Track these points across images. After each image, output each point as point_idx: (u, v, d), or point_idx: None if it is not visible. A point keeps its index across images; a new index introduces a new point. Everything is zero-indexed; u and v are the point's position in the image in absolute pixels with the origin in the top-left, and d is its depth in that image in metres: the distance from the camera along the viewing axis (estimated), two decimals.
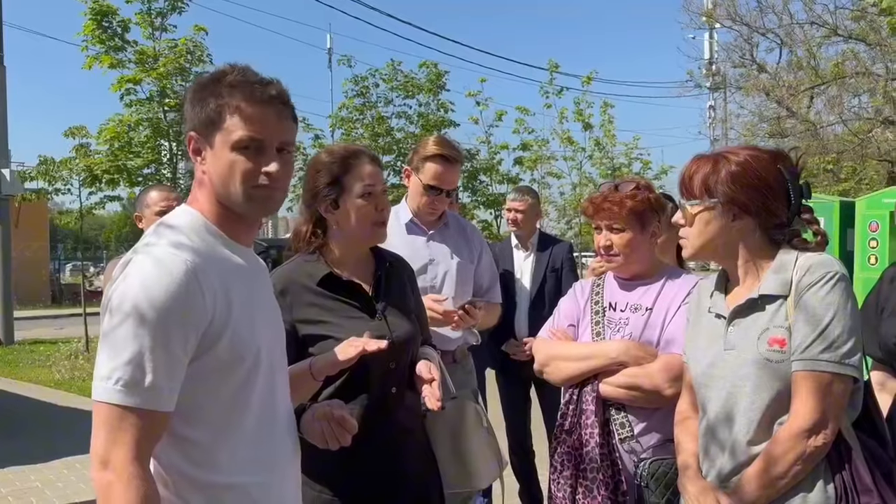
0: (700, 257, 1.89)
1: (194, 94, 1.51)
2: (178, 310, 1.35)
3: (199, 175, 1.53)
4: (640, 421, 2.19)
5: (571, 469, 2.21)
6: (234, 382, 1.46)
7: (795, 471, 1.65)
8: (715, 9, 18.99)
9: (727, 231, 1.78)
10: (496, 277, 3.30)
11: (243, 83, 1.48)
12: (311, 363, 1.92)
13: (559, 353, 2.34)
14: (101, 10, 10.70)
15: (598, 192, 2.39)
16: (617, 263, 2.34)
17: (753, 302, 1.76)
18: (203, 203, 1.53)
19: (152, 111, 11.06)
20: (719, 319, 1.84)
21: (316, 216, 2.19)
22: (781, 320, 1.71)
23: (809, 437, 1.63)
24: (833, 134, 16.61)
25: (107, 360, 1.34)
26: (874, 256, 6.39)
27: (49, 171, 11.58)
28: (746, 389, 1.73)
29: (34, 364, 10.85)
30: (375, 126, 15.30)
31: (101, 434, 1.33)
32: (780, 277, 1.73)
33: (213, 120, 1.47)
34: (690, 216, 1.81)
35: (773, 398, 1.70)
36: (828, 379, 1.63)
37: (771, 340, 1.70)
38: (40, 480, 5.42)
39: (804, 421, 1.64)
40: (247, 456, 1.49)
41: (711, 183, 1.77)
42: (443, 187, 2.94)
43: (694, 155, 1.87)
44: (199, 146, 1.51)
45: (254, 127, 1.46)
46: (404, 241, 3.04)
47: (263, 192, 1.49)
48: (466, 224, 3.29)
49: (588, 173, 16.55)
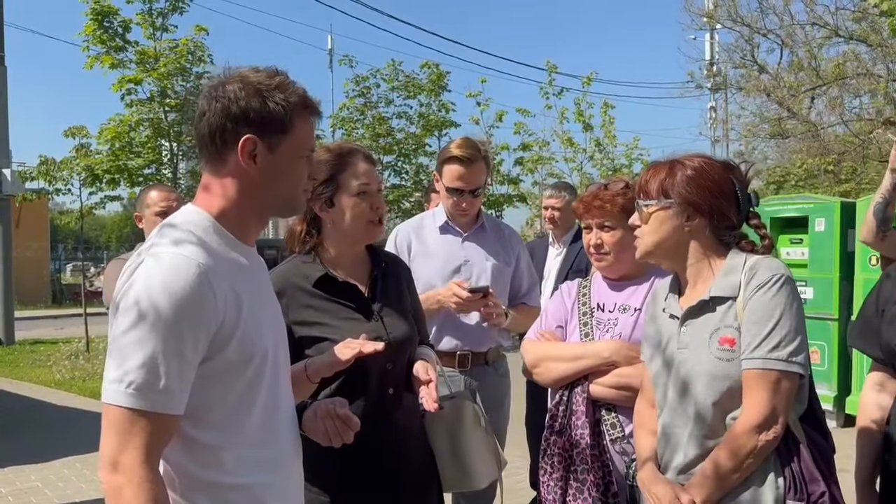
0: (652, 257, 1.97)
1: (253, 93, 1.46)
2: (190, 312, 1.34)
3: (239, 174, 1.48)
4: (631, 421, 2.17)
5: (562, 471, 2.20)
6: (242, 383, 1.46)
7: (748, 464, 1.74)
8: (716, 10, 18.99)
9: (679, 231, 1.88)
10: (535, 280, 3.28)
11: (306, 95, 1.54)
12: (307, 365, 1.92)
13: (549, 354, 2.32)
14: (102, 11, 10.74)
15: (587, 191, 2.41)
16: (608, 262, 2.34)
17: (704, 303, 1.85)
18: (217, 202, 1.50)
19: (153, 111, 11.08)
20: (673, 320, 1.93)
21: (310, 215, 2.19)
22: (731, 320, 1.80)
23: (761, 432, 1.72)
24: (834, 135, 16.60)
25: (118, 363, 1.33)
26: (875, 257, 6.38)
27: (49, 172, 11.59)
28: (699, 387, 1.81)
29: (34, 364, 10.86)
30: (376, 126, 15.31)
31: (112, 437, 1.33)
32: (729, 280, 1.83)
33: (282, 127, 1.48)
34: (647, 215, 1.92)
35: (725, 394, 1.78)
36: (776, 377, 1.73)
37: (721, 340, 1.80)
38: (40, 480, 5.42)
39: (755, 417, 1.72)
40: (252, 456, 1.49)
41: (668, 185, 1.88)
42: (464, 188, 2.94)
43: (651, 161, 2.03)
44: (255, 149, 1.47)
45: (313, 137, 1.57)
46: (439, 241, 3.05)
47: (306, 196, 1.72)
48: (504, 226, 3.26)
49: (589, 174, 16.56)
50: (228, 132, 1.46)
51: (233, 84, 1.48)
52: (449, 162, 2.93)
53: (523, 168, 15.72)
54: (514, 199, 15.64)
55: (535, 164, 15.93)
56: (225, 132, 1.46)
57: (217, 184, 1.51)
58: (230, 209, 1.50)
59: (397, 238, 3.09)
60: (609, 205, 2.29)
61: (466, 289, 2.79)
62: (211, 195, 1.51)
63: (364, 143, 14.45)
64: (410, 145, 15.60)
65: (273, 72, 1.52)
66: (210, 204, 1.51)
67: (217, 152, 1.49)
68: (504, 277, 3.08)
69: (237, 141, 1.46)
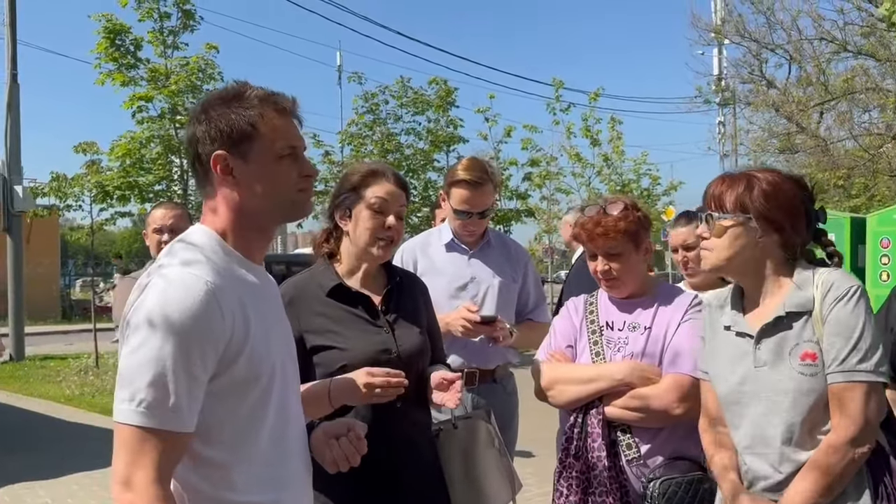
0: (721, 272, 1.96)
1: (214, 112, 1.51)
2: (198, 331, 1.35)
3: (225, 192, 1.51)
4: (646, 441, 2.17)
5: (580, 494, 2.17)
6: (251, 401, 1.46)
7: (843, 480, 1.74)
8: (723, 25, 19.02)
9: (753, 246, 1.86)
10: (542, 296, 3.26)
11: (268, 96, 1.53)
12: (330, 390, 1.92)
13: (562, 377, 2.30)
14: (114, 29, 10.85)
15: (587, 217, 2.34)
16: (618, 287, 2.32)
17: (780, 319, 1.83)
18: (222, 221, 1.53)
19: (163, 128, 11.16)
20: (742, 338, 1.90)
21: (332, 222, 2.23)
22: (809, 335, 1.79)
23: (856, 446, 1.72)
24: (843, 150, 16.55)
25: (128, 383, 1.34)
26: (886, 273, 6.34)
27: (61, 188, 11.67)
28: (785, 404, 1.80)
29: (44, 379, 10.88)
30: (385, 142, 15.37)
31: (123, 455, 1.33)
32: (802, 294, 1.82)
33: (246, 134, 1.49)
34: (721, 229, 1.88)
35: (811, 410, 1.78)
36: (866, 388, 1.73)
37: (803, 355, 1.79)
38: (50, 496, 5.42)
39: (850, 430, 1.72)
40: (261, 474, 1.49)
41: (745, 200, 1.86)
42: (471, 210, 2.94)
43: (723, 173, 1.98)
44: (228, 163, 1.49)
45: (291, 135, 1.54)
46: (445, 259, 3.05)
47: (305, 196, 1.57)
48: (511, 242, 3.26)
49: (597, 189, 16.56)
50: (203, 155, 1.51)
51: (197, 109, 1.55)
52: (457, 185, 2.93)
53: (531, 183, 15.74)
54: (523, 215, 15.64)
55: (543, 179, 15.95)
56: (200, 157, 1.51)
57: (212, 206, 1.54)
58: (229, 228, 1.53)
59: (403, 255, 3.09)
60: (613, 232, 2.26)
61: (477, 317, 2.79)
62: (212, 217, 1.55)
63: (372, 160, 14.51)
64: (419, 161, 15.63)
65: (232, 85, 1.56)
66: (214, 224, 1.54)
67: (201, 177, 1.54)
68: (510, 294, 3.07)
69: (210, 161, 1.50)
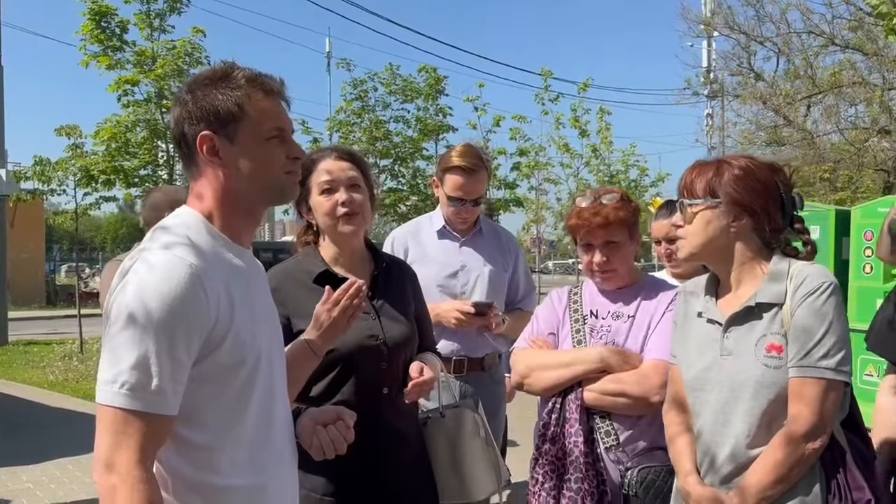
0: (697, 258, 1.93)
1: (201, 92, 1.49)
2: (182, 314, 1.34)
3: (211, 174, 1.50)
4: (626, 429, 2.14)
5: (554, 480, 2.14)
6: (236, 385, 1.45)
7: (795, 473, 1.72)
8: (713, 17, 19.06)
9: (726, 231, 1.84)
10: (532, 286, 3.27)
11: (256, 77, 1.51)
12: (308, 341, 1.89)
13: (539, 363, 2.27)
14: (99, 11, 10.71)
15: (581, 207, 2.28)
16: (613, 279, 2.29)
17: (750, 309, 1.81)
18: (208, 203, 1.51)
19: (149, 112, 11.05)
20: (712, 325, 1.88)
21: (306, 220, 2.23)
22: (778, 328, 1.77)
23: (808, 441, 1.70)
24: (830, 143, 16.66)
25: (111, 365, 1.33)
26: (869, 265, 6.39)
27: (45, 172, 11.54)
28: (746, 395, 1.78)
29: (28, 365, 10.81)
30: (373, 130, 15.30)
31: (106, 438, 1.32)
32: (775, 286, 1.79)
33: (233, 115, 1.47)
34: (691, 215, 1.87)
35: (771, 402, 1.75)
36: (825, 385, 1.70)
37: (769, 347, 1.77)
38: (31, 481, 5.40)
39: (804, 425, 1.70)
40: (245, 458, 1.48)
41: (715, 184, 1.84)
42: (465, 197, 2.94)
43: (695, 161, 1.95)
44: (214, 144, 1.48)
45: (279, 117, 1.52)
46: (436, 246, 3.05)
47: (293, 178, 1.56)
48: (502, 231, 3.26)
49: (585, 180, 16.59)
50: (188, 136, 1.49)
51: (182, 90, 1.53)
52: (451, 171, 2.93)
53: (520, 173, 15.74)
54: (511, 204, 15.64)
55: (532, 170, 15.95)
56: (185, 137, 1.50)
57: (198, 188, 1.53)
58: (215, 210, 1.51)
59: (394, 242, 3.08)
60: (613, 221, 2.22)
61: (472, 307, 2.78)
62: (198, 200, 1.53)
63: (361, 147, 14.45)
64: (407, 149, 15.58)
65: (219, 66, 1.54)
66: (200, 207, 1.52)
67: (187, 158, 1.53)
68: (501, 282, 3.07)
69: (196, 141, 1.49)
